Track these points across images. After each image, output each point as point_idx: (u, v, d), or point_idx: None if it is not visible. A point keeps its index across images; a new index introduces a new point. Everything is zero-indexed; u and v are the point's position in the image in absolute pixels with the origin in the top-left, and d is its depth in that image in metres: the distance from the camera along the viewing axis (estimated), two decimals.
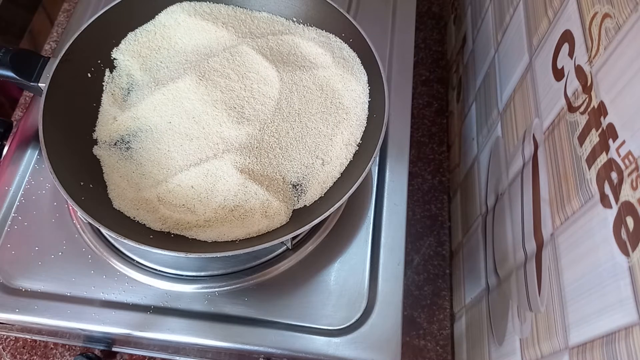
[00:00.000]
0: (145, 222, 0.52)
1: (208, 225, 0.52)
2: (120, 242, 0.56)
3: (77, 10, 0.72)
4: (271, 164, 0.54)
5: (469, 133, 0.80)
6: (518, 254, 0.55)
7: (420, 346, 0.73)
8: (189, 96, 0.55)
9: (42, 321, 0.52)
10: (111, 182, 0.54)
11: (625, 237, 0.36)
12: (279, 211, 0.52)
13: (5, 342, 0.69)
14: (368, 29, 0.59)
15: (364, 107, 0.58)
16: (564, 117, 0.47)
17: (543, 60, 0.53)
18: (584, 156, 0.43)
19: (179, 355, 0.65)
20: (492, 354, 0.60)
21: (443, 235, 0.82)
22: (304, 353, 0.51)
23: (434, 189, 0.86)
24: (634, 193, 0.35)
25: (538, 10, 0.56)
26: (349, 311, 0.53)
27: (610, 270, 0.37)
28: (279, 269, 0.55)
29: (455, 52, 0.94)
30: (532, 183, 0.53)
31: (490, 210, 0.67)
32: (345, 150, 0.56)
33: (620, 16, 0.39)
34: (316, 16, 0.63)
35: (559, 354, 0.44)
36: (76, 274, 0.54)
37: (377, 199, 0.60)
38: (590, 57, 0.43)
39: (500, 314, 0.59)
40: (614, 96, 0.39)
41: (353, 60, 0.60)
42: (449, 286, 0.78)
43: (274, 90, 0.57)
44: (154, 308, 0.53)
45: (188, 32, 0.62)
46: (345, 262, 0.56)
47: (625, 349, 0.35)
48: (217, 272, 0.55)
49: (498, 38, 0.70)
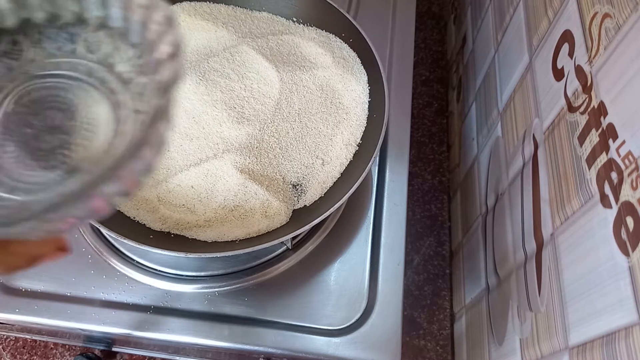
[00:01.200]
0: (145, 222, 0.52)
1: (208, 225, 0.52)
2: (120, 242, 0.56)
3: None
4: (271, 164, 0.54)
5: (469, 133, 0.80)
6: (518, 254, 0.55)
7: (420, 346, 0.73)
8: (189, 96, 0.55)
9: (42, 321, 0.52)
10: None
11: (625, 237, 0.36)
12: (279, 211, 0.52)
13: (5, 342, 0.69)
14: (368, 29, 0.59)
15: (364, 107, 0.58)
16: (564, 117, 0.47)
17: (543, 60, 0.53)
18: (584, 156, 0.43)
19: (179, 355, 0.65)
20: (492, 354, 0.60)
21: (443, 235, 0.82)
22: (304, 353, 0.52)
23: (434, 189, 0.86)
24: (634, 193, 0.35)
25: (538, 10, 0.56)
26: (349, 311, 0.53)
27: (610, 270, 0.37)
28: (279, 269, 0.55)
29: (455, 52, 0.94)
30: (532, 183, 0.53)
31: (490, 210, 0.67)
32: (345, 150, 0.56)
33: (620, 16, 0.39)
34: (316, 16, 0.63)
35: (559, 354, 0.44)
36: (76, 274, 0.54)
37: (377, 199, 0.60)
38: (590, 57, 0.43)
39: (500, 314, 0.59)
40: (614, 96, 0.39)
41: (353, 60, 0.60)
42: (449, 286, 0.78)
43: (274, 90, 0.57)
44: (154, 308, 0.53)
45: (188, 32, 0.62)
46: (345, 262, 0.56)
47: (625, 349, 0.35)
48: (217, 272, 0.55)
49: (498, 38, 0.70)
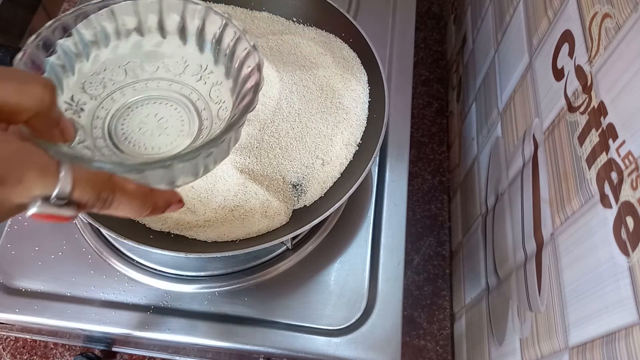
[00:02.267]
0: (145, 222, 0.52)
1: (208, 225, 0.52)
2: (120, 242, 0.56)
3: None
4: (271, 164, 0.54)
5: (469, 133, 0.80)
6: (518, 254, 0.55)
7: (420, 346, 0.73)
8: None
9: (42, 321, 0.52)
10: None
11: (625, 237, 0.36)
12: (279, 211, 0.52)
13: (5, 342, 0.69)
14: (368, 29, 0.59)
15: (364, 107, 0.58)
16: (564, 117, 0.47)
17: (543, 60, 0.53)
18: (584, 156, 0.43)
19: (179, 355, 0.65)
20: (492, 354, 0.60)
21: (443, 235, 0.82)
22: (304, 353, 0.52)
23: (434, 189, 0.86)
24: (634, 193, 0.35)
25: (538, 10, 0.56)
26: (349, 311, 0.53)
27: (610, 270, 0.37)
28: (279, 269, 0.55)
29: (455, 52, 0.95)
30: (532, 183, 0.53)
31: (490, 210, 0.67)
32: (345, 150, 0.56)
33: (620, 16, 0.39)
34: (316, 16, 0.63)
35: (559, 354, 0.44)
36: (76, 274, 0.54)
37: (377, 199, 0.60)
38: (590, 57, 0.43)
39: (500, 314, 0.59)
40: (614, 96, 0.39)
41: (353, 60, 0.60)
42: (449, 286, 0.78)
43: (274, 90, 0.57)
44: (154, 308, 0.53)
45: None
46: (345, 262, 0.56)
47: (625, 349, 0.35)
48: (217, 272, 0.55)
49: (498, 38, 0.70)
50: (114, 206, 0.26)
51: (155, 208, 0.28)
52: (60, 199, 0.24)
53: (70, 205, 0.24)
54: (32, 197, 0.23)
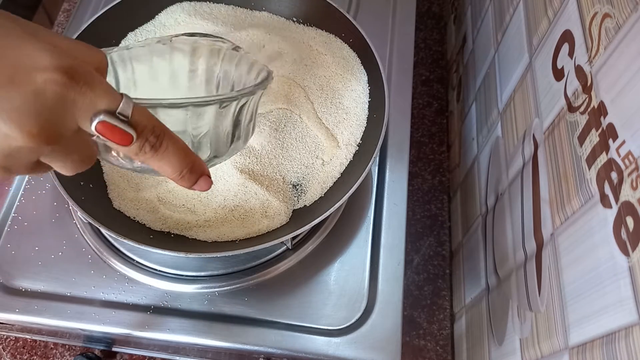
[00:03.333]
0: (145, 222, 0.52)
1: (208, 225, 0.52)
2: (120, 242, 0.56)
3: (77, 10, 0.72)
4: (271, 164, 0.54)
5: (469, 133, 0.80)
6: (518, 253, 0.55)
7: (420, 346, 0.73)
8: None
9: (42, 321, 0.52)
10: (111, 182, 0.54)
11: (625, 237, 0.36)
12: (279, 211, 0.52)
13: (5, 342, 0.69)
14: (368, 29, 0.59)
15: (364, 107, 0.58)
16: (564, 117, 0.47)
17: (543, 60, 0.53)
18: (584, 156, 0.43)
19: (179, 355, 0.65)
20: (492, 354, 0.60)
21: (443, 235, 0.82)
22: (304, 353, 0.51)
23: (434, 189, 0.86)
24: (634, 193, 0.35)
25: (538, 10, 0.56)
26: (349, 311, 0.53)
27: (610, 270, 0.37)
28: (279, 269, 0.55)
29: (455, 52, 0.95)
30: (532, 183, 0.53)
31: (490, 210, 0.67)
32: (345, 150, 0.56)
33: (620, 16, 0.39)
34: (316, 16, 0.63)
35: (559, 354, 0.44)
36: (76, 274, 0.54)
37: (377, 199, 0.60)
38: (590, 57, 0.43)
39: (500, 314, 0.59)
40: (614, 96, 0.39)
41: (353, 60, 0.60)
42: (449, 286, 0.78)
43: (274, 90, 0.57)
44: (154, 308, 0.53)
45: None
46: (345, 262, 0.56)
47: (625, 349, 0.35)
48: (217, 272, 0.55)
49: (498, 38, 0.70)
50: (161, 149, 0.29)
51: (191, 171, 0.31)
52: (123, 116, 0.27)
53: (131, 127, 0.27)
54: (97, 109, 0.26)
